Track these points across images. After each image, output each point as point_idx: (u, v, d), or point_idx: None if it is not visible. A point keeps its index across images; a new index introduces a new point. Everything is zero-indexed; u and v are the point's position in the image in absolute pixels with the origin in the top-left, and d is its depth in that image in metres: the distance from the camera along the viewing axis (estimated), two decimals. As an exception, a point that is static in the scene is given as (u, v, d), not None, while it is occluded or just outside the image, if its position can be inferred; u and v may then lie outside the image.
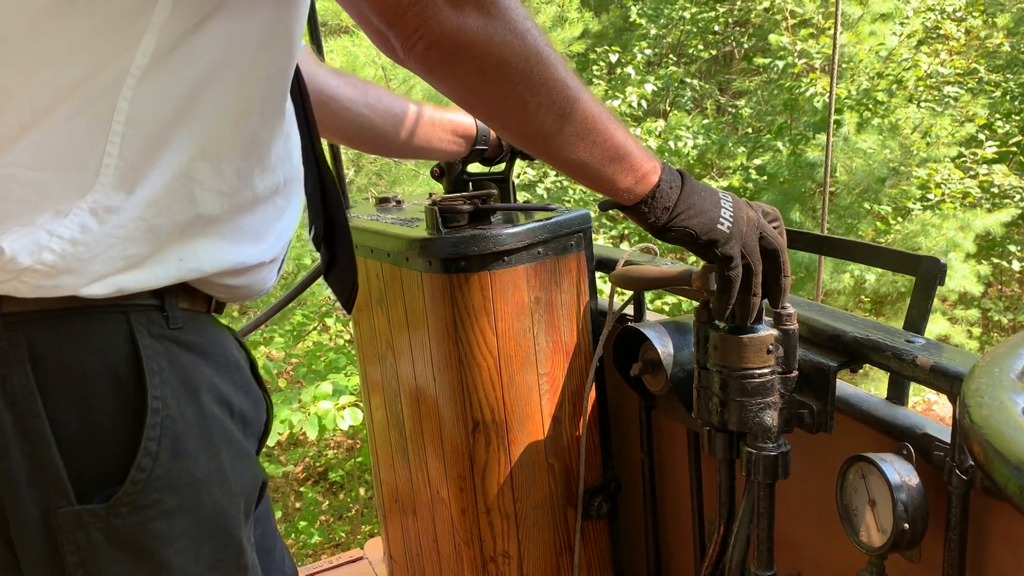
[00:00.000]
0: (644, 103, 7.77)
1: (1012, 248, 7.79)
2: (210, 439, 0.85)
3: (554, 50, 0.87)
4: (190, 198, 0.82)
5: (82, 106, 0.76)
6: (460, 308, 1.42)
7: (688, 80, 8.95)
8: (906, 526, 1.02)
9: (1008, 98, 8.55)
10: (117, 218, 0.78)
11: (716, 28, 8.91)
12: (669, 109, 8.71)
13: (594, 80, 7.85)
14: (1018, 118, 8.34)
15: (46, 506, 0.78)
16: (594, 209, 5.02)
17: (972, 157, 7.50)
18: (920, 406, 6.39)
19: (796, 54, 7.29)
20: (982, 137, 7.79)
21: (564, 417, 1.53)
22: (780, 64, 7.43)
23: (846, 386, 1.20)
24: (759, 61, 8.06)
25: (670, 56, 9.22)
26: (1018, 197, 7.34)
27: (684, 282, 1.12)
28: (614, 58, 8.08)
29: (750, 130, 8.46)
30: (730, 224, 1.00)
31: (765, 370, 1.08)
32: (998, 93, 8.51)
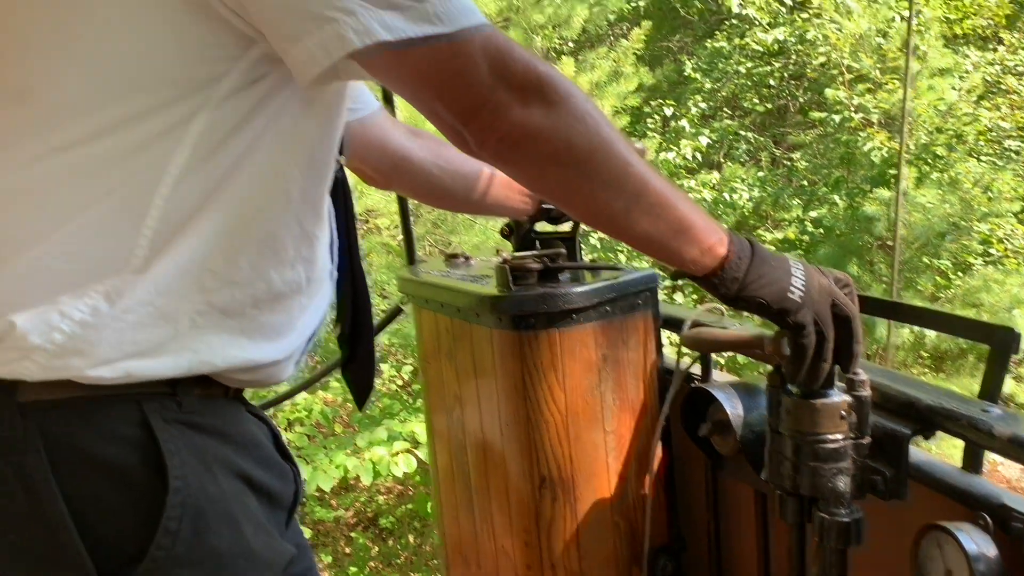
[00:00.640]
0: (699, 155, 7.81)
1: (1080, 306, 7.55)
2: (232, 515, 0.87)
3: (615, 129, 0.90)
4: (201, 286, 0.85)
5: (119, 206, 0.80)
6: (529, 365, 1.45)
7: (743, 132, 8.97)
8: (984, 598, 1.01)
9: (1073, 152, 8.39)
10: (127, 302, 0.81)
11: (771, 82, 8.93)
12: (724, 161, 8.73)
13: (648, 133, 7.92)
14: (1084, 173, 8.16)
15: None
16: (659, 268, 5.01)
17: (1036, 212, 7.35)
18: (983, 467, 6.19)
19: (853, 108, 7.27)
20: (1047, 192, 7.63)
21: (630, 475, 1.54)
22: (837, 118, 7.41)
23: (919, 453, 1.19)
24: (815, 115, 8.06)
25: (724, 109, 9.26)
26: (1085, 253, 7.16)
27: (756, 347, 1.14)
28: (669, 111, 8.15)
29: (806, 183, 8.42)
30: (802, 292, 1.01)
31: (838, 436, 1.09)
32: (1062, 147, 8.35)
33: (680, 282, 7.14)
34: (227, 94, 0.81)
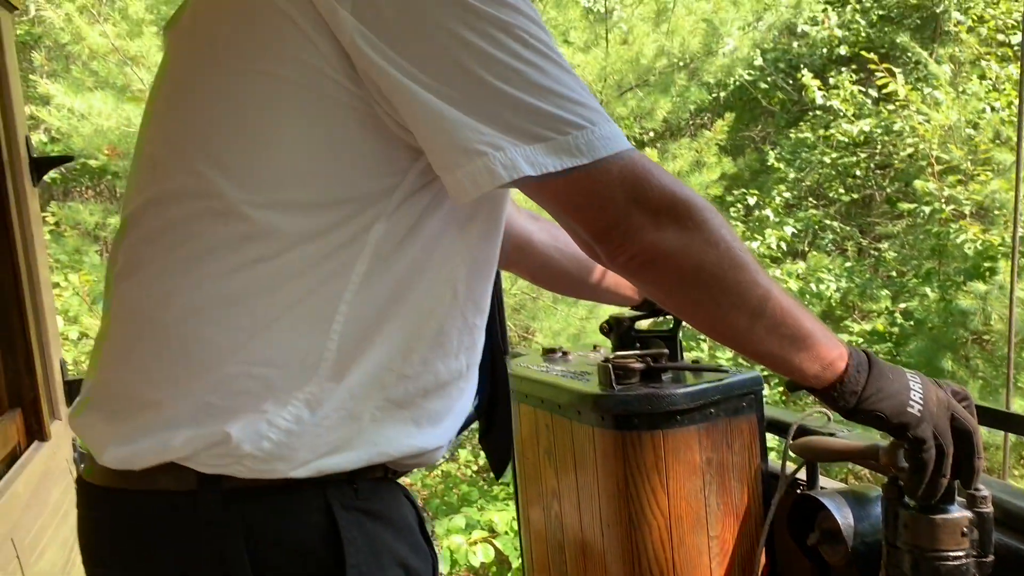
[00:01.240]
0: (783, 245, 7.74)
1: None
2: None
3: (746, 251, 0.93)
4: (381, 384, 0.90)
5: (308, 313, 0.86)
6: (632, 466, 1.46)
7: (828, 222, 8.86)
8: None
9: None
10: (326, 408, 0.87)
11: (857, 172, 8.85)
12: (809, 251, 8.62)
13: (732, 222, 7.89)
14: None
15: None
16: (763, 370, 4.95)
17: None
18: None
19: (943, 200, 7.14)
20: None
21: (734, 582, 1.51)
22: (927, 209, 7.28)
23: (1046, 574, 1.15)
24: (904, 206, 7.93)
25: (809, 199, 9.19)
26: None
27: (871, 457, 1.13)
28: (752, 200, 8.14)
29: (894, 274, 8.23)
30: (920, 406, 1.00)
31: (960, 553, 1.06)
32: None
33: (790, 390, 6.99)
34: (400, 201, 0.88)
